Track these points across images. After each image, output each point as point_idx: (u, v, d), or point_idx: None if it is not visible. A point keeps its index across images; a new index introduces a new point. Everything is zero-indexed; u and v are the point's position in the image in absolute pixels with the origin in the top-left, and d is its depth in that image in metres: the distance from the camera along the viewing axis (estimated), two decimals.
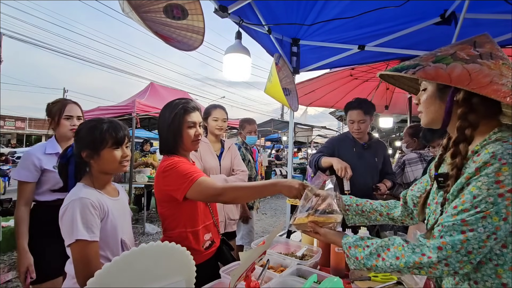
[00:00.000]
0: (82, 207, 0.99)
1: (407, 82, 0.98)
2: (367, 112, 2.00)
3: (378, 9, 1.86)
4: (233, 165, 2.18)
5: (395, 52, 2.47)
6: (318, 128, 13.14)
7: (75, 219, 0.97)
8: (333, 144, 2.16)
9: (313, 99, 4.43)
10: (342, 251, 1.26)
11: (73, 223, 0.97)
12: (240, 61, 1.84)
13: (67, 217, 0.99)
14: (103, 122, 1.11)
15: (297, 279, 1.06)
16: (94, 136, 1.07)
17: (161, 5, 1.52)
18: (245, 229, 2.74)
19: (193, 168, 1.25)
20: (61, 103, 1.65)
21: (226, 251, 1.44)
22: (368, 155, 2.08)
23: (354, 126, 2.03)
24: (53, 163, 1.54)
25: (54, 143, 1.62)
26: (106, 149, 1.09)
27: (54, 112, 1.61)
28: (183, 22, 1.62)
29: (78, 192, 1.03)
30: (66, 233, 0.99)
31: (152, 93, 6.22)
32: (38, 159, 1.53)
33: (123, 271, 0.77)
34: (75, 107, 1.69)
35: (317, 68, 2.94)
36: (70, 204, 1.00)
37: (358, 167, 1.97)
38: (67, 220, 0.98)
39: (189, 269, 0.93)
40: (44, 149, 1.57)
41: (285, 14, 2.13)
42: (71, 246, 0.97)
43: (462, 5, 1.79)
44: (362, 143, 2.10)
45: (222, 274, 1.11)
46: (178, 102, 1.34)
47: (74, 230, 0.96)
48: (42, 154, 1.55)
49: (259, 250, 0.91)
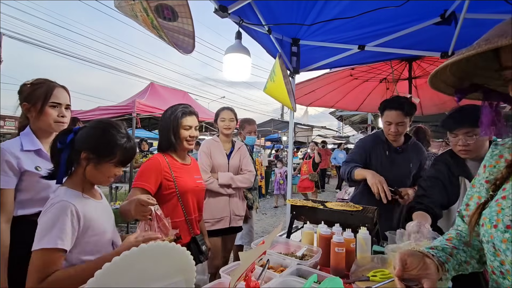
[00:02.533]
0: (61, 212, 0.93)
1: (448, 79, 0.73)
2: (408, 114, 1.77)
3: (378, 9, 1.86)
4: (242, 165, 2.27)
5: (395, 52, 2.47)
6: (318, 128, 13.14)
7: (55, 224, 0.91)
8: (365, 150, 1.93)
9: (313, 99, 4.42)
10: (342, 251, 1.27)
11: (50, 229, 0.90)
12: (240, 61, 1.85)
13: (48, 218, 0.92)
14: (121, 134, 1.03)
15: (297, 279, 1.06)
16: (105, 145, 1.00)
17: (153, 4, 1.51)
18: (245, 229, 2.74)
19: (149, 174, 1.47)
20: (47, 85, 1.25)
21: (194, 250, 1.52)
22: (401, 160, 1.88)
23: (391, 128, 1.79)
24: (35, 163, 1.20)
25: (31, 137, 1.24)
26: (109, 163, 1.02)
27: (36, 96, 1.22)
28: (175, 24, 1.61)
29: (62, 195, 0.97)
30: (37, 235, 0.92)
31: (152, 93, 6.23)
32: (16, 157, 1.16)
33: (123, 271, 0.77)
34: (64, 93, 1.30)
35: (317, 68, 2.94)
36: (57, 206, 0.94)
37: (389, 173, 1.77)
38: (46, 222, 0.92)
39: (189, 269, 0.93)
40: (20, 145, 1.20)
41: (285, 14, 2.13)
42: (36, 251, 0.90)
43: (462, 5, 1.79)
44: (396, 147, 1.89)
45: (222, 274, 1.11)
46: (178, 106, 1.56)
47: (45, 236, 0.90)
48: (19, 152, 1.18)
49: (259, 250, 0.91)
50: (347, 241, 1.30)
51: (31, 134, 1.25)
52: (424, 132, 2.59)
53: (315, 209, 1.60)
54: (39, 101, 1.22)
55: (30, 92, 1.24)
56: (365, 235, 1.34)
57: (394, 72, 3.65)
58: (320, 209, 1.59)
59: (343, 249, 1.26)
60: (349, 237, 1.32)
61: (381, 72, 3.71)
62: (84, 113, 5.51)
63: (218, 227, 2.11)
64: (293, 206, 1.67)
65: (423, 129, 2.62)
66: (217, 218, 2.11)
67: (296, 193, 9.55)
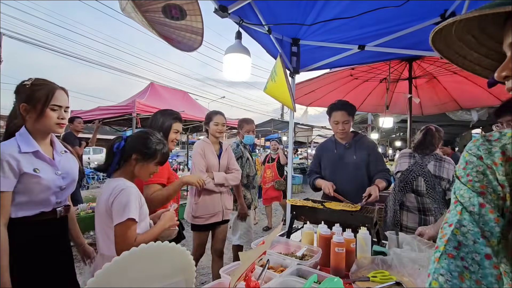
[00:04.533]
0: (135, 194, 1.20)
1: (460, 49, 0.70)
2: (350, 113, 2.09)
3: (378, 9, 1.86)
4: (229, 165, 2.47)
5: (395, 52, 2.47)
6: (318, 128, 13.14)
7: (130, 201, 1.16)
8: (317, 155, 2.32)
9: (313, 99, 4.42)
10: (342, 251, 1.27)
11: (129, 203, 1.15)
12: (240, 61, 1.84)
13: (122, 199, 1.15)
14: (160, 141, 1.35)
15: (297, 279, 1.06)
16: (149, 149, 1.30)
17: (160, 5, 1.53)
18: (243, 228, 2.75)
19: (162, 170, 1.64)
20: (48, 87, 1.24)
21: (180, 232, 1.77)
22: (348, 154, 2.13)
23: (338, 126, 2.10)
24: (33, 165, 1.18)
25: (28, 138, 1.21)
26: (151, 163, 1.32)
27: (36, 98, 1.20)
28: (182, 22, 1.62)
29: (126, 183, 1.23)
30: (117, 212, 1.15)
31: (152, 93, 6.23)
32: (15, 159, 1.13)
33: (123, 271, 0.77)
34: (64, 95, 1.29)
35: (317, 68, 2.94)
36: (126, 190, 1.18)
37: (340, 168, 2.10)
38: (122, 202, 1.15)
39: (189, 269, 0.93)
40: (17, 147, 1.17)
41: (285, 14, 2.13)
42: (120, 224, 1.13)
43: (462, 5, 1.79)
44: (344, 144, 2.17)
45: (222, 274, 1.11)
46: (172, 112, 1.83)
47: (125, 211, 1.14)
48: (17, 154, 1.16)
49: (259, 250, 0.91)
50: (347, 241, 1.30)
51: (27, 135, 1.21)
52: (432, 136, 2.26)
53: (315, 209, 1.60)
54: (40, 103, 1.20)
55: (30, 94, 1.21)
56: (365, 235, 1.35)
57: (395, 72, 3.66)
58: (320, 209, 1.59)
59: (343, 249, 1.26)
60: (349, 237, 1.32)
61: (381, 72, 3.71)
62: (84, 113, 5.50)
63: (212, 221, 2.31)
64: (293, 206, 1.67)
65: (432, 132, 2.27)
66: (212, 213, 2.31)
67: (296, 193, 9.56)
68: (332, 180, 2.09)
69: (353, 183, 2.03)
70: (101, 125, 5.71)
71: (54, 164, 1.27)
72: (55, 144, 1.34)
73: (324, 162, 2.23)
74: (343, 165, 2.11)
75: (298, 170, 12.33)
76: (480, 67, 0.72)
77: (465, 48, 0.70)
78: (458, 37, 0.68)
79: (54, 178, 1.25)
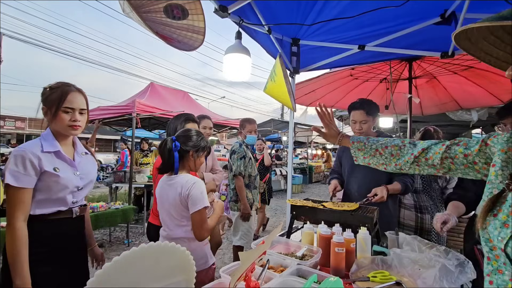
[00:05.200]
0: (204, 185, 1.43)
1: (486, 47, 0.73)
2: (369, 113, 1.97)
3: (378, 9, 1.86)
4: (214, 165, 2.56)
5: (395, 52, 2.47)
6: None
7: (202, 192, 1.39)
8: (339, 155, 2.29)
9: (313, 99, 4.42)
10: (342, 251, 1.27)
11: (202, 194, 1.38)
12: (240, 61, 1.84)
13: (198, 189, 1.38)
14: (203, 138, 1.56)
15: (297, 279, 1.06)
16: (203, 144, 1.52)
17: (161, 5, 1.53)
18: (243, 229, 2.75)
19: None
20: (62, 89, 1.27)
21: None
22: None
23: (356, 126, 2.01)
24: (54, 164, 1.23)
25: (51, 139, 1.27)
26: (202, 156, 1.54)
27: (51, 100, 1.26)
28: (183, 22, 1.63)
29: (193, 177, 1.44)
30: (195, 201, 1.36)
31: (152, 93, 6.23)
32: (37, 158, 1.18)
33: (123, 271, 0.77)
34: (79, 96, 1.31)
35: (317, 68, 2.94)
36: (197, 183, 1.40)
37: (357, 168, 1.98)
38: (197, 193, 1.37)
39: (189, 269, 0.93)
40: (40, 146, 1.22)
41: (285, 14, 2.13)
42: (197, 211, 1.35)
43: (462, 5, 1.79)
44: None
45: (222, 274, 1.11)
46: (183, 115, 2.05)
47: (201, 201, 1.36)
48: (40, 153, 1.21)
49: (259, 250, 0.91)
50: (347, 241, 1.30)
51: (50, 136, 1.28)
52: (431, 136, 2.33)
53: (315, 209, 1.60)
54: (54, 105, 1.25)
55: (47, 96, 1.28)
56: (365, 235, 1.34)
57: (395, 72, 3.65)
58: (320, 209, 1.59)
59: (343, 249, 1.26)
60: (349, 237, 1.32)
61: (381, 72, 3.71)
62: None
63: None
64: (293, 206, 1.67)
65: (431, 132, 2.36)
66: None
67: (296, 193, 9.56)
68: (348, 181, 2.07)
69: (368, 184, 1.93)
70: (101, 125, 5.71)
71: (74, 165, 1.32)
72: (76, 146, 1.39)
73: (344, 162, 2.19)
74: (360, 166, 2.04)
75: (298, 170, 12.34)
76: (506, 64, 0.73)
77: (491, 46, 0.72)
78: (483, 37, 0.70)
79: (72, 178, 1.28)
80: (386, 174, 1.98)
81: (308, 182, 12.35)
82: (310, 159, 14.87)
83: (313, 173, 12.89)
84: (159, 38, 1.50)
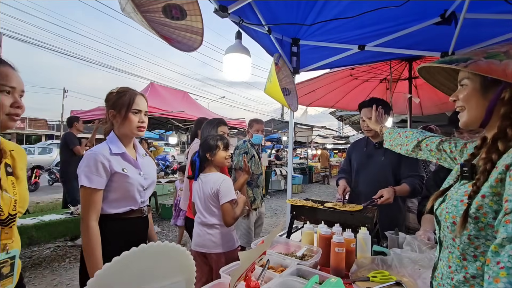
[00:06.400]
0: (231, 181, 1.73)
1: (441, 80, 1.00)
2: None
3: (378, 9, 1.86)
4: None
5: (395, 52, 2.47)
6: (318, 128, 13.13)
7: (230, 186, 1.68)
8: (349, 153, 2.29)
9: (313, 99, 4.42)
10: (342, 251, 1.27)
11: (230, 189, 1.67)
12: (240, 61, 1.84)
13: (226, 185, 1.66)
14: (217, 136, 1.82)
15: (297, 279, 1.06)
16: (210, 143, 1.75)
17: (160, 5, 1.52)
18: (243, 229, 2.74)
19: None
20: (130, 94, 1.37)
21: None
22: (377, 154, 2.01)
23: (365, 124, 1.99)
24: (122, 165, 1.31)
25: (117, 142, 1.35)
26: (221, 150, 1.76)
27: (121, 104, 1.34)
28: (182, 22, 1.62)
29: (222, 175, 1.74)
30: (224, 195, 1.64)
31: (152, 93, 6.23)
32: (107, 160, 1.26)
33: (123, 271, 0.77)
34: (143, 100, 1.41)
35: (317, 68, 2.94)
36: (225, 180, 1.69)
37: (365, 167, 2.04)
38: (226, 187, 1.66)
39: (189, 269, 0.93)
40: (108, 149, 1.30)
41: (285, 14, 2.13)
42: (226, 203, 1.63)
43: (462, 5, 1.79)
44: (374, 143, 2.05)
45: (222, 274, 1.11)
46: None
47: (230, 193, 1.66)
48: (109, 155, 1.29)
49: (259, 250, 0.91)
50: (347, 241, 1.30)
51: (115, 139, 1.35)
52: None
53: (315, 209, 1.60)
54: (124, 108, 1.33)
55: (115, 100, 1.35)
56: (365, 235, 1.34)
57: (395, 72, 3.66)
58: (320, 209, 1.59)
59: (343, 249, 1.26)
60: (349, 237, 1.32)
61: (381, 72, 3.71)
62: (84, 113, 5.50)
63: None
64: (293, 206, 1.67)
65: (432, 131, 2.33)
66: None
67: (296, 193, 9.55)
68: (356, 179, 2.05)
69: (376, 184, 1.83)
70: (101, 125, 5.70)
71: (138, 166, 1.38)
72: (137, 148, 1.46)
73: (353, 160, 2.17)
74: (369, 165, 2.03)
75: (298, 170, 12.34)
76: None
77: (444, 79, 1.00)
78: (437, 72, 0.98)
79: (138, 178, 1.35)
80: (393, 175, 1.94)
81: (308, 182, 12.36)
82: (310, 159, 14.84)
83: (313, 173, 12.89)
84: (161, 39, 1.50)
